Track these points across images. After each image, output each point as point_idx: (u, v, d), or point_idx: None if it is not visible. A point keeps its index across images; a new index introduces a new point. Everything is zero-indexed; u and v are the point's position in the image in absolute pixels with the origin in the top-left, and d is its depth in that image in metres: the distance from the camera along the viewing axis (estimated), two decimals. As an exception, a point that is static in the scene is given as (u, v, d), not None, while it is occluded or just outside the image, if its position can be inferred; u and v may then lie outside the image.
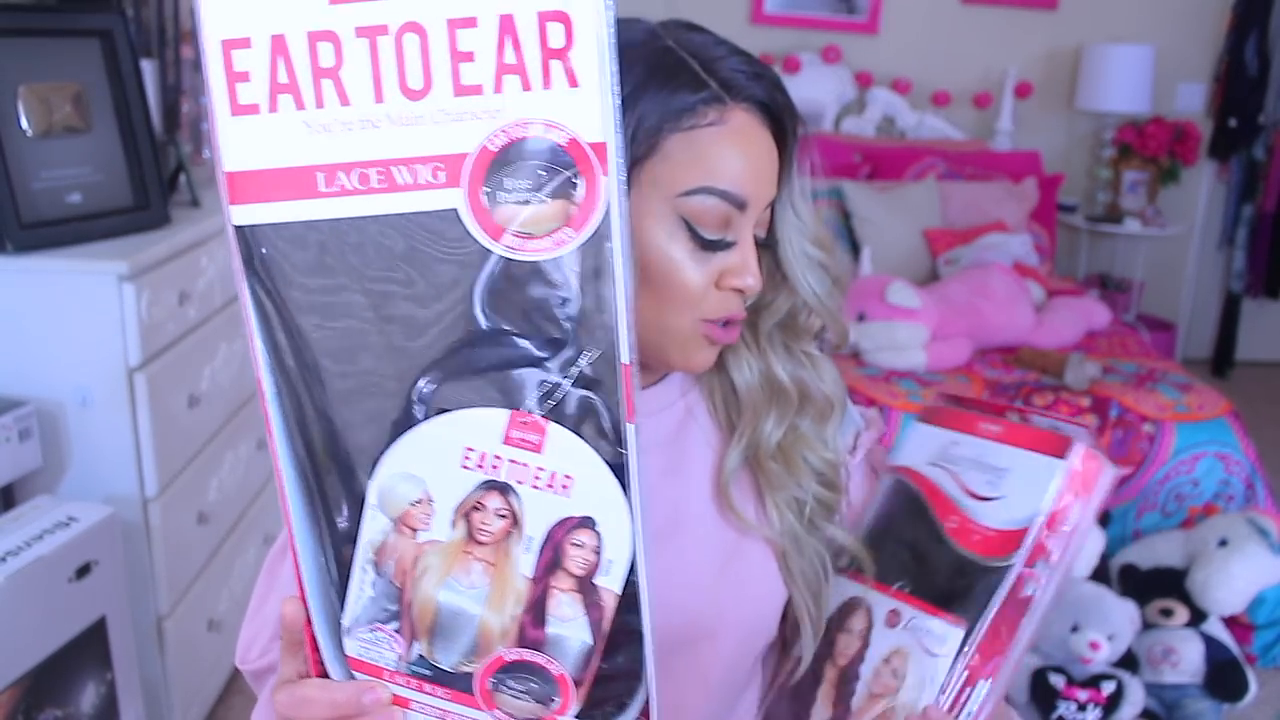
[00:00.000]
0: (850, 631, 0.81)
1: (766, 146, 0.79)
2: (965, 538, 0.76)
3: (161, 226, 1.83)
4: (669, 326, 0.78)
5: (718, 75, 0.76)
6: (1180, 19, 3.96)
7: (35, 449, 1.60)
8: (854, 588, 0.83)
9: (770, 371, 0.86)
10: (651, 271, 0.77)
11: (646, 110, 0.74)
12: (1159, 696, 2.10)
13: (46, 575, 1.41)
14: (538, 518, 0.49)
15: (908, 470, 0.84)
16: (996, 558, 0.74)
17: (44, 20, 1.77)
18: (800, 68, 3.80)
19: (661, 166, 0.75)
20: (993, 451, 0.79)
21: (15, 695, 1.36)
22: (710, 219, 0.76)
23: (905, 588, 0.78)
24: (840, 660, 0.80)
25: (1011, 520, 0.74)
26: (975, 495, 0.78)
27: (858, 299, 2.74)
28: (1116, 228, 3.89)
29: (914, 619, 0.76)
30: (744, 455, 0.86)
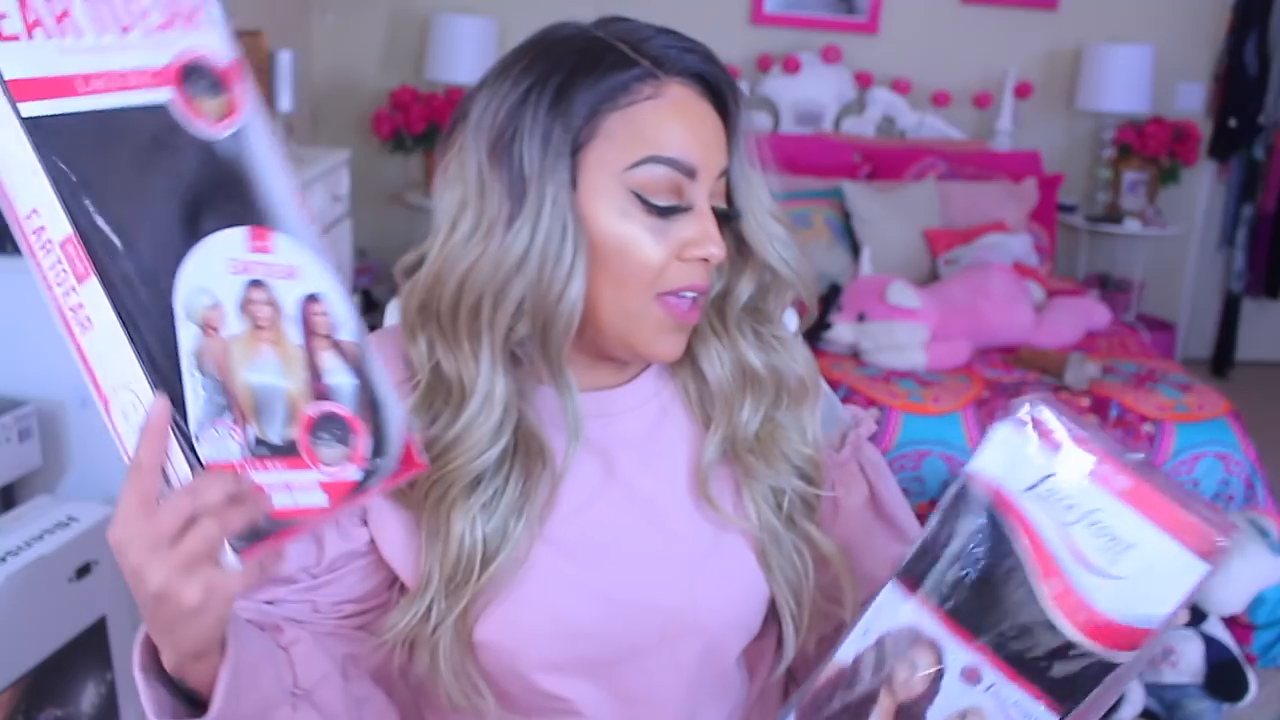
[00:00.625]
0: (913, 665, 0.72)
1: (708, 116, 0.79)
2: (1072, 613, 0.65)
3: (161, 226, 1.83)
4: (630, 309, 0.78)
5: (648, 53, 0.77)
6: (1180, 19, 3.96)
7: (35, 449, 1.60)
8: (919, 614, 0.71)
9: (742, 359, 0.85)
10: (608, 252, 0.76)
11: (580, 97, 0.75)
12: (1159, 696, 2.10)
13: (46, 575, 1.41)
14: (288, 299, 0.65)
15: (998, 494, 0.68)
16: (1108, 650, 0.64)
17: (44, 20, 1.77)
18: (800, 68, 3.80)
19: (604, 147, 0.76)
20: (1116, 514, 0.65)
21: (15, 695, 1.36)
22: (660, 187, 0.76)
23: (989, 646, 0.68)
24: (900, 693, 0.72)
25: (1132, 615, 0.64)
26: (1086, 564, 0.65)
27: (858, 299, 2.74)
28: (1116, 228, 3.90)
29: (997, 686, 0.67)
30: (721, 447, 0.85)
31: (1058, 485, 0.66)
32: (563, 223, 0.75)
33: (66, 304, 0.58)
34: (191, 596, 0.59)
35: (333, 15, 3.83)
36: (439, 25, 3.60)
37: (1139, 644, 0.63)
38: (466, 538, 0.80)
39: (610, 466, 0.85)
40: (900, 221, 3.25)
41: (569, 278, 0.75)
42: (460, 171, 0.78)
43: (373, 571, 0.86)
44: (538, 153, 0.75)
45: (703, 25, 3.85)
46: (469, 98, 0.80)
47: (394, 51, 3.85)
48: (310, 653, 0.80)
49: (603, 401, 0.86)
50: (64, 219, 0.57)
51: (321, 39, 3.84)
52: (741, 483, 0.86)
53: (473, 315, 0.77)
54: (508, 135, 0.76)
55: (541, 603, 0.82)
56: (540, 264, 0.75)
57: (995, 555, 0.68)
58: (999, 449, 0.68)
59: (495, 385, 0.78)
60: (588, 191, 0.76)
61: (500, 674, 0.85)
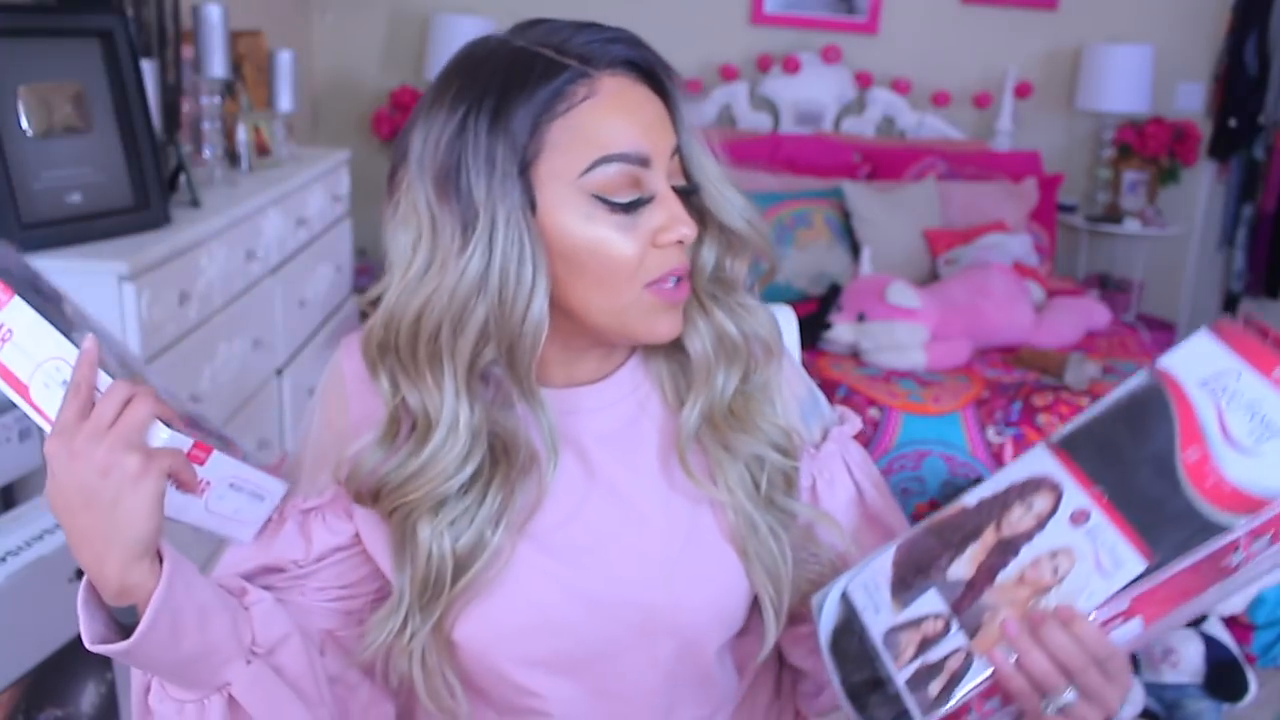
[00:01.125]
0: (1029, 508, 0.75)
1: (647, 100, 0.79)
2: (1199, 477, 0.68)
3: (161, 226, 1.83)
4: (620, 305, 0.79)
5: (574, 53, 0.77)
6: (1180, 19, 3.96)
7: (35, 449, 1.60)
8: (1054, 466, 0.76)
9: (721, 329, 0.86)
10: (584, 258, 0.77)
11: (518, 114, 0.75)
12: (1159, 696, 2.10)
13: (46, 575, 1.41)
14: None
15: (1170, 378, 0.74)
16: (1222, 512, 0.66)
17: (44, 20, 1.77)
18: (800, 68, 3.80)
19: (554, 158, 0.76)
20: (1275, 405, 0.69)
21: (15, 695, 1.36)
22: (618, 184, 0.76)
23: (1105, 493, 0.72)
24: (1005, 530, 0.76)
25: (1257, 485, 0.66)
26: (1231, 439, 0.69)
27: (858, 299, 2.74)
28: (1116, 228, 3.90)
29: (1099, 528, 0.71)
30: (701, 417, 0.85)
31: (1231, 381, 0.71)
32: (519, 243, 0.75)
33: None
34: (132, 463, 0.69)
35: (333, 15, 3.83)
36: (439, 25, 3.60)
37: (1249, 510, 0.65)
38: (434, 552, 0.80)
39: (588, 463, 0.86)
40: (900, 221, 3.25)
41: (531, 296, 0.76)
42: (410, 210, 0.77)
43: (361, 563, 0.87)
44: (484, 178, 0.74)
45: (703, 25, 3.88)
46: (405, 134, 0.80)
47: (394, 51, 3.85)
48: (270, 612, 0.81)
49: (580, 398, 0.86)
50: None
51: (321, 39, 3.84)
52: (718, 462, 0.86)
53: (432, 346, 0.78)
54: (452, 167, 0.75)
55: (520, 599, 0.83)
56: (500, 287, 0.75)
57: (1145, 416, 0.73)
58: (1189, 350, 0.75)
59: (460, 413, 0.79)
60: (548, 204, 0.76)
61: (477, 671, 0.85)
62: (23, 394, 0.73)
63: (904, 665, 0.74)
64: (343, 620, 0.88)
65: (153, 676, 0.78)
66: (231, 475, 0.80)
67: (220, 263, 1.96)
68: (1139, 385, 0.76)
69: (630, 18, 3.85)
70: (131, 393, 0.72)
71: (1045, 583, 0.71)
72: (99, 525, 0.69)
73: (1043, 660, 0.68)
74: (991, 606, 0.72)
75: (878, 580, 0.80)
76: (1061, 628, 0.68)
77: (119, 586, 0.71)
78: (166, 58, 2.37)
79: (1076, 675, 0.68)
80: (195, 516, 0.78)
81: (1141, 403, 0.75)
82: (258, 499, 0.83)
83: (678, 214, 0.78)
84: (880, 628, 0.78)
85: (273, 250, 2.28)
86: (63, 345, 0.73)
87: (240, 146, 2.45)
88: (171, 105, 2.35)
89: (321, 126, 3.81)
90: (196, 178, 2.07)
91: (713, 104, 3.84)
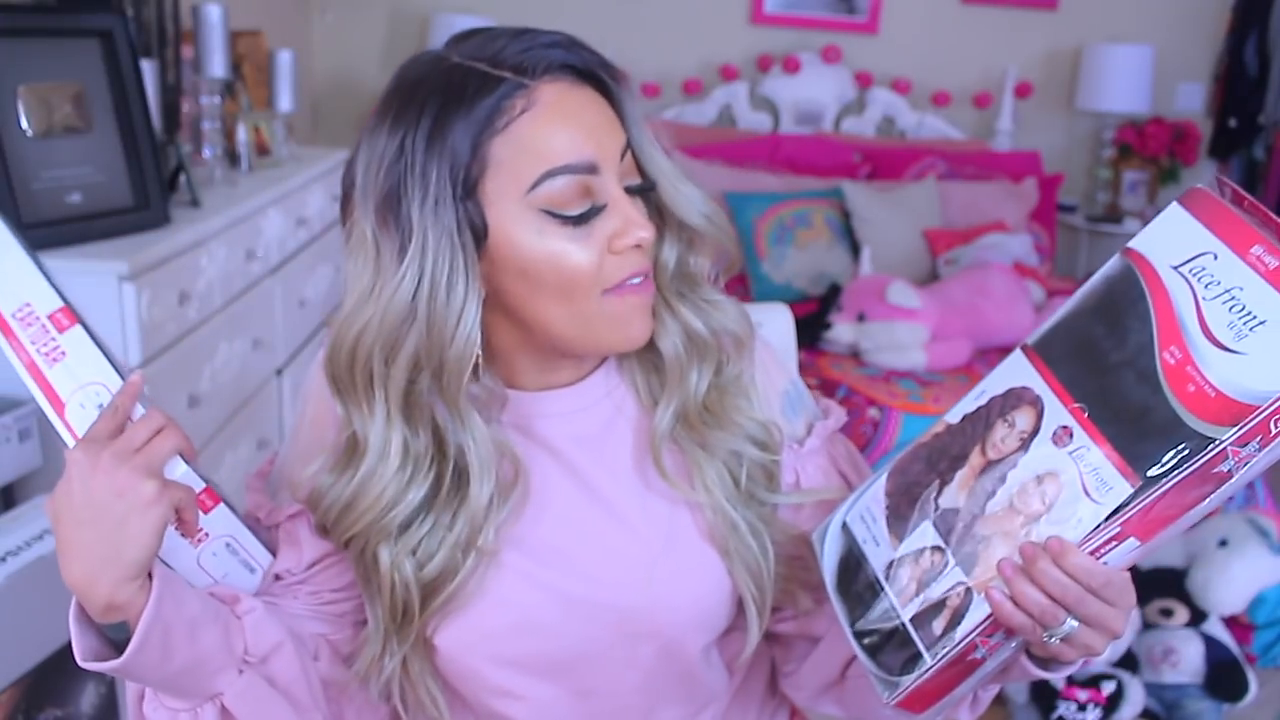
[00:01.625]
0: (1012, 425, 0.73)
1: (589, 103, 0.77)
2: (1179, 383, 0.64)
3: (161, 226, 1.82)
4: (585, 316, 0.77)
5: (508, 65, 0.74)
6: (1180, 19, 3.96)
7: (35, 449, 1.60)
8: (1029, 374, 0.73)
9: (688, 326, 0.85)
10: (542, 272, 0.76)
11: (457, 133, 0.73)
12: (1159, 696, 2.10)
13: (46, 575, 1.41)
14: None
15: (1143, 261, 0.69)
16: (1207, 424, 0.62)
17: (44, 20, 1.77)
18: (800, 68, 3.80)
19: (498, 175, 0.74)
20: (1255, 289, 0.63)
21: (15, 695, 1.36)
22: (567, 197, 0.75)
23: (1086, 410, 0.68)
24: (991, 452, 0.73)
25: (1242, 389, 0.61)
26: (1211, 336, 0.64)
27: (858, 299, 2.74)
28: (1116, 228, 3.89)
29: (1084, 449, 0.68)
30: (674, 419, 0.84)
31: (1208, 263, 0.66)
32: (449, 264, 0.74)
33: (40, 351, 0.77)
34: (149, 489, 0.70)
35: (333, 15, 3.83)
36: (439, 25, 3.60)
37: (1235, 420, 0.61)
38: (396, 581, 0.81)
39: (566, 465, 0.86)
40: (900, 221, 3.25)
41: (460, 319, 0.75)
42: (359, 238, 0.77)
43: (347, 568, 0.87)
44: (418, 201, 0.73)
45: (703, 25, 3.88)
46: (351, 163, 0.79)
47: (394, 51, 3.85)
48: (263, 621, 0.81)
49: (554, 401, 0.86)
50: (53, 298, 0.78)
51: (321, 39, 3.84)
52: (695, 462, 0.85)
53: (366, 374, 0.78)
54: (391, 191, 0.74)
55: (500, 601, 0.83)
56: (429, 310, 0.74)
57: (1121, 312, 0.69)
58: (1161, 228, 0.70)
59: (391, 440, 0.78)
60: (499, 221, 0.75)
61: (457, 673, 0.86)
62: (58, 410, 0.77)
63: (907, 603, 0.73)
64: (335, 624, 0.88)
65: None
66: (230, 534, 0.82)
67: (220, 263, 1.96)
68: (1112, 271, 0.72)
69: (630, 18, 3.84)
70: (164, 424, 0.74)
71: (1035, 510, 0.69)
72: (99, 542, 0.69)
73: (1039, 597, 0.67)
74: (985, 538, 0.71)
75: (873, 511, 0.79)
76: (1054, 563, 0.67)
77: (107, 604, 0.70)
78: (166, 58, 2.36)
79: (1075, 606, 0.67)
80: (184, 565, 0.80)
81: (1117, 293, 0.70)
82: (248, 570, 0.84)
83: (632, 218, 0.77)
84: (880, 562, 0.77)
85: (273, 250, 2.28)
86: (108, 373, 0.78)
87: (240, 146, 2.45)
88: (171, 105, 2.35)
89: (321, 126, 3.81)
90: (196, 178, 2.07)
91: (713, 104, 3.84)
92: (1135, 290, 0.69)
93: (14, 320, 0.77)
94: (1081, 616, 0.68)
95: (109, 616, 0.72)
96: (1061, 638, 0.68)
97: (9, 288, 0.78)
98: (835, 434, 0.93)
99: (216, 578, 0.82)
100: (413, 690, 0.85)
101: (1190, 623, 2.13)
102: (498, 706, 0.87)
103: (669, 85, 3.83)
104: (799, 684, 0.93)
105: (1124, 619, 0.69)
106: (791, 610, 0.90)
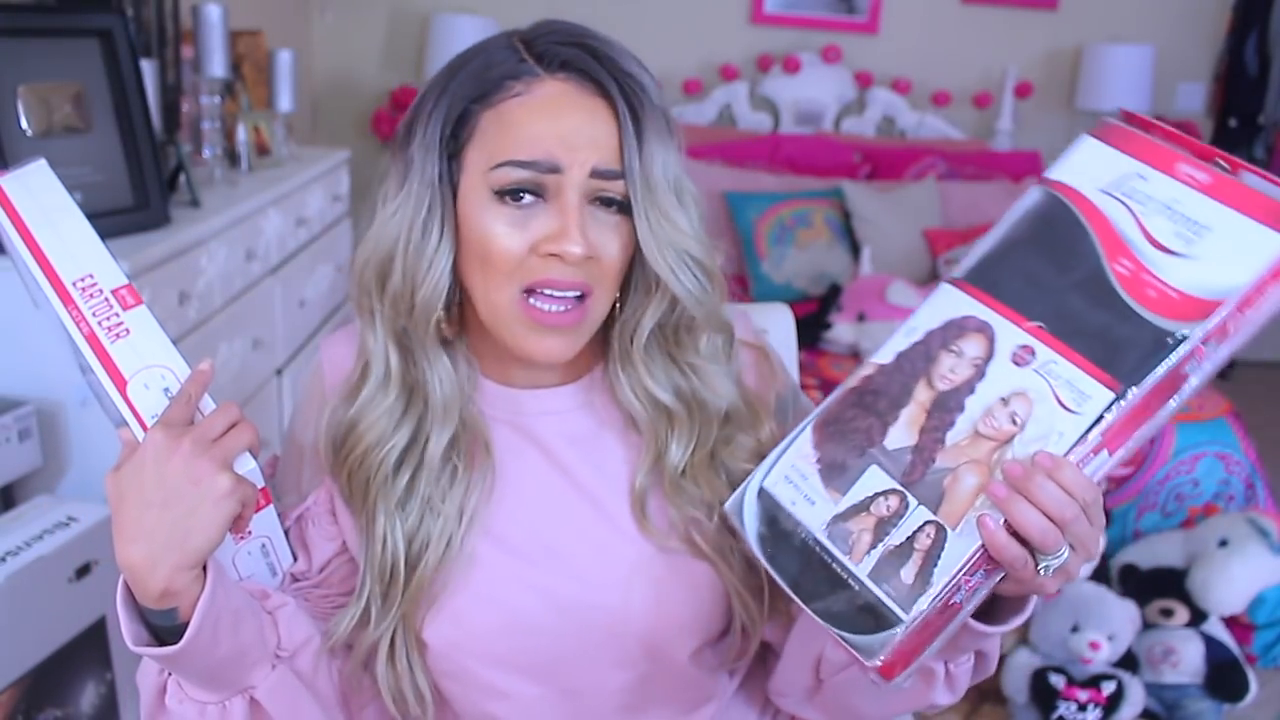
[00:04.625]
0: (960, 354, 0.68)
1: (586, 110, 0.76)
2: (1138, 290, 0.63)
3: (161, 226, 1.82)
4: (497, 304, 0.78)
5: (535, 51, 0.77)
6: (1180, 19, 3.96)
7: (35, 449, 1.60)
8: (969, 304, 0.70)
9: (649, 392, 0.82)
10: (475, 245, 0.78)
11: (458, 92, 0.77)
12: (1159, 696, 2.10)
13: (46, 575, 1.41)
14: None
15: (1068, 189, 0.69)
16: (1175, 322, 0.62)
17: (44, 20, 1.77)
18: (800, 68, 3.80)
19: (478, 146, 0.77)
20: (1193, 201, 0.64)
21: (15, 695, 1.36)
22: (517, 186, 0.76)
23: (1045, 326, 0.66)
24: (941, 384, 0.68)
25: (1203, 287, 0.62)
26: (1158, 244, 0.64)
27: (858, 299, 2.74)
28: (1116, 228, 3.89)
29: (1052, 363, 0.65)
30: (651, 477, 0.84)
31: (1137, 184, 0.66)
32: (428, 209, 0.78)
33: (103, 325, 0.76)
34: (224, 481, 0.71)
35: (333, 15, 3.82)
36: (439, 25, 3.60)
37: (1204, 315, 0.61)
38: (388, 537, 0.82)
39: (554, 462, 0.86)
40: (900, 221, 3.25)
41: (430, 264, 0.78)
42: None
43: (355, 569, 0.87)
44: (421, 143, 0.78)
45: (703, 25, 3.88)
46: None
47: (394, 51, 3.85)
48: (295, 615, 0.82)
49: (548, 399, 0.86)
50: (119, 274, 0.78)
51: (321, 39, 3.84)
52: (678, 508, 0.84)
53: (368, 297, 0.81)
54: (408, 126, 0.80)
55: (489, 598, 0.83)
56: (405, 249, 0.78)
57: (1058, 239, 0.68)
58: (1079, 159, 0.70)
59: (390, 359, 0.81)
60: (465, 189, 0.78)
61: (446, 671, 0.86)
62: (119, 387, 0.76)
63: (862, 558, 0.66)
64: None
65: (170, 677, 0.78)
66: (268, 535, 0.82)
67: (220, 263, 1.96)
68: (1036, 203, 0.70)
69: (631, 18, 3.83)
70: (239, 418, 0.76)
71: (1007, 431, 0.64)
72: (167, 527, 0.70)
73: (1038, 518, 0.62)
74: (949, 469, 0.65)
75: (800, 468, 0.72)
76: (1049, 478, 0.62)
77: (164, 589, 0.70)
78: (166, 57, 2.36)
79: (1069, 526, 0.62)
80: (221, 560, 0.79)
81: (1047, 221, 0.69)
82: (272, 573, 0.85)
83: (570, 229, 0.74)
84: (819, 521, 0.69)
85: (273, 250, 2.28)
86: (175, 357, 0.78)
87: (240, 146, 2.45)
88: (171, 105, 2.35)
89: (321, 126, 3.81)
90: (196, 178, 2.07)
91: (713, 104, 3.84)
92: (1068, 215, 0.68)
93: (74, 289, 0.77)
94: (1072, 537, 0.63)
95: (162, 602, 0.71)
96: (1055, 568, 0.63)
97: (71, 256, 0.77)
98: None
99: (244, 576, 0.82)
100: (397, 683, 0.85)
101: (1190, 623, 2.13)
102: (486, 705, 0.87)
103: (669, 85, 3.82)
104: (781, 690, 0.92)
105: (1101, 539, 0.65)
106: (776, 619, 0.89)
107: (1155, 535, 2.31)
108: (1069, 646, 2.01)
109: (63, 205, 0.78)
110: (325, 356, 0.90)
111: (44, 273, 0.76)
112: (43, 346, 1.64)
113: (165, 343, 0.78)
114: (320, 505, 0.87)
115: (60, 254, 0.77)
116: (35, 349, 1.64)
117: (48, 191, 0.79)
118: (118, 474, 0.71)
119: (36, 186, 0.78)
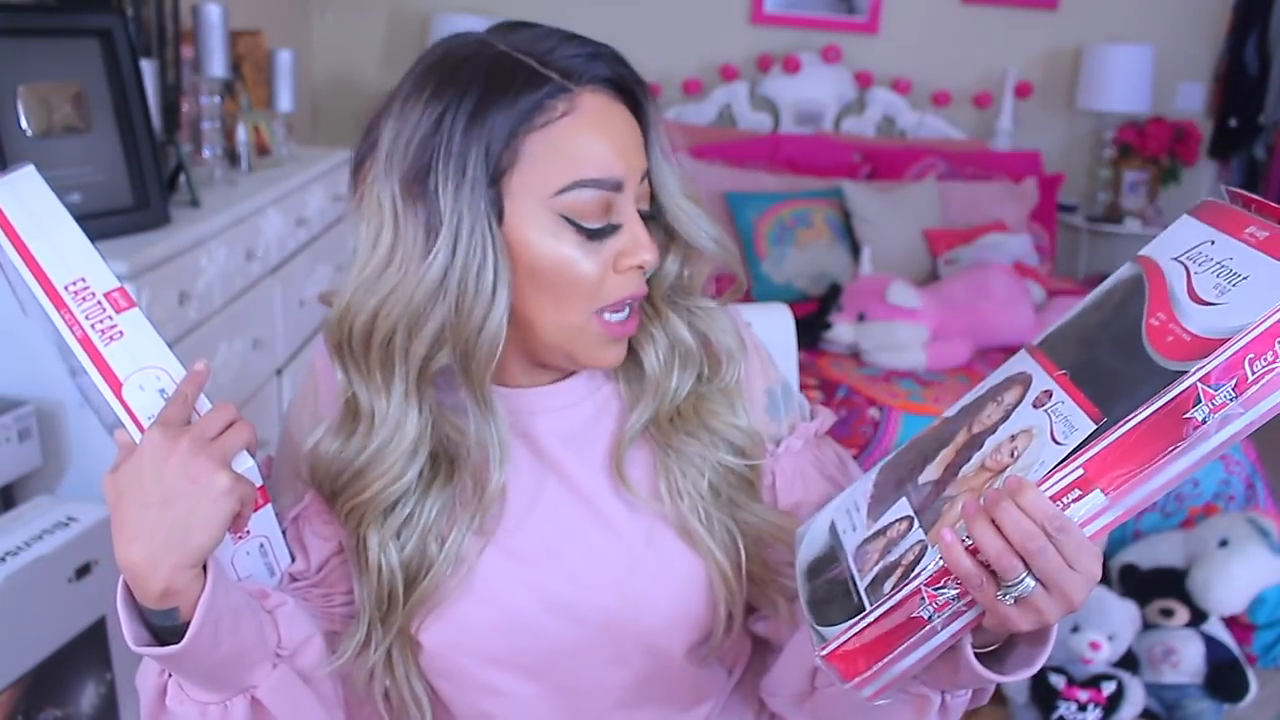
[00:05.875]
0: (1000, 402, 0.72)
1: (624, 121, 0.78)
2: (1158, 336, 0.64)
3: (161, 226, 1.82)
4: (569, 324, 0.78)
5: (556, 66, 0.75)
6: (1180, 19, 3.96)
7: (35, 449, 1.60)
8: (1030, 364, 0.74)
9: (676, 336, 0.85)
10: (545, 273, 0.76)
11: (496, 121, 0.73)
12: (1159, 697, 2.10)
13: (46, 575, 1.41)
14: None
15: (1147, 260, 0.72)
16: (1178, 361, 0.61)
17: (44, 20, 1.77)
18: (800, 68, 3.80)
19: (528, 172, 0.74)
20: (1244, 256, 0.64)
21: (15, 695, 1.36)
22: (590, 209, 0.75)
23: (1068, 374, 0.68)
24: (976, 427, 0.72)
25: (1215, 329, 0.61)
26: (1196, 298, 0.65)
27: (858, 299, 2.74)
28: (1117, 227, 3.89)
29: (1059, 404, 0.67)
30: (645, 419, 0.85)
31: (1205, 248, 0.68)
32: (482, 252, 0.74)
33: (96, 328, 0.77)
34: (223, 480, 0.71)
35: (333, 15, 3.83)
36: (439, 25, 3.60)
37: (1206, 353, 0.60)
38: (383, 566, 0.81)
39: (551, 463, 0.86)
40: (900, 221, 3.25)
41: (490, 306, 0.75)
42: (374, 205, 0.77)
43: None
44: (453, 184, 0.73)
45: (703, 25, 3.88)
46: (373, 127, 0.79)
47: (394, 51, 3.85)
48: (294, 614, 0.82)
49: (541, 398, 0.86)
50: (110, 278, 0.79)
51: (321, 39, 3.84)
52: (666, 466, 0.85)
53: (385, 348, 0.77)
54: (422, 168, 0.74)
55: (485, 599, 0.83)
56: (459, 294, 0.74)
57: (1119, 302, 0.70)
58: (1170, 234, 0.74)
59: (408, 416, 0.79)
60: (516, 216, 0.75)
61: (442, 671, 0.86)
62: (115, 389, 0.76)
63: (866, 574, 0.70)
64: (345, 624, 0.88)
65: (170, 678, 0.78)
66: (266, 535, 0.82)
67: (220, 263, 1.96)
68: (1120, 275, 0.74)
69: (630, 18, 3.84)
70: (236, 416, 0.75)
71: (1002, 464, 0.67)
72: (166, 526, 0.69)
73: (993, 536, 0.62)
74: (951, 498, 0.69)
75: (858, 501, 0.78)
76: (1011, 501, 0.62)
77: (164, 589, 0.70)
78: (166, 57, 2.36)
79: (1033, 556, 0.61)
80: (219, 559, 0.80)
81: (1120, 289, 0.72)
82: (270, 573, 0.85)
83: (641, 240, 0.77)
84: (854, 545, 0.75)
85: (273, 250, 2.28)
86: (169, 358, 0.79)
87: (240, 146, 2.45)
88: (171, 105, 2.35)
89: (321, 126, 3.81)
90: (196, 178, 2.07)
91: (713, 104, 3.84)
92: (1136, 281, 0.71)
93: (67, 293, 0.77)
94: (1039, 571, 0.62)
95: (163, 602, 0.71)
96: (1016, 597, 0.63)
97: (63, 260, 0.77)
98: (824, 438, 0.93)
99: (242, 576, 0.82)
100: (396, 690, 0.85)
101: (1190, 623, 2.13)
102: (482, 705, 0.87)
103: (669, 85, 3.83)
104: (772, 689, 0.92)
105: (1084, 588, 0.63)
106: (768, 612, 0.90)
107: (1155, 535, 2.31)
108: (1069, 646, 2.01)
109: (52, 210, 0.78)
110: (318, 355, 0.89)
111: (36, 278, 0.76)
112: (42, 347, 1.63)
113: (159, 344, 0.78)
114: (315, 505, 0.87)
115: (52, 259, 0.77)
116: (35, 349, 1.64)
117: (37, 197, 0.78)
118: (116, 475, 0.71)
119: (25, 192, 0.78)
